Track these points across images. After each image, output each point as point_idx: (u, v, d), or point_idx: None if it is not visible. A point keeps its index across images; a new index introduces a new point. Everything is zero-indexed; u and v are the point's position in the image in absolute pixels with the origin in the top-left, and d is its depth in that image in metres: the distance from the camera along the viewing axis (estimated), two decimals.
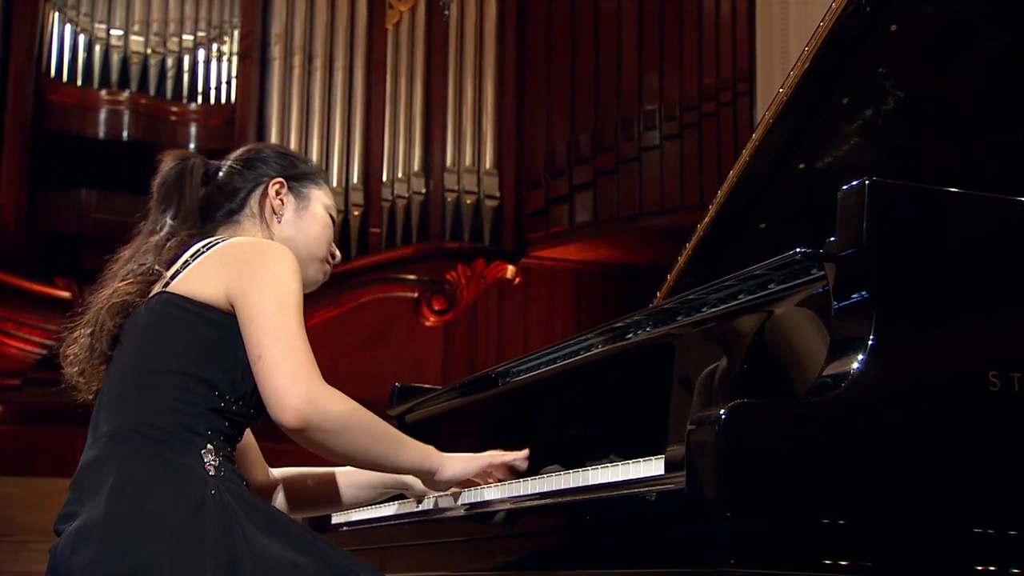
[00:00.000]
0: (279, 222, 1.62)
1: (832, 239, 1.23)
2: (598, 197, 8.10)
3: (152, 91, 8.26)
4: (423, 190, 8.29)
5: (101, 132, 8.15)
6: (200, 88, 8.41)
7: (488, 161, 8.40)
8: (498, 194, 8.36)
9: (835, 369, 1.14)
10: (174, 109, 8.29)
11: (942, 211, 1.23)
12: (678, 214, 7.75)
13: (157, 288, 1.50)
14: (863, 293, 1.15)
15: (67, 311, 6.25)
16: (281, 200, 1.63)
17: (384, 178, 8.31)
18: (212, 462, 1.37)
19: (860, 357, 1.12)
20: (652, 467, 1.22)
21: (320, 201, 1.66)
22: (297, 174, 1.66)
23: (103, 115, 8.14)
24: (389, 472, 1.61)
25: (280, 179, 1.63)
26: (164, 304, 1.46)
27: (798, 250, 1.25)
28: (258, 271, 1.42)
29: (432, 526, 1.65)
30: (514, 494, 1.45)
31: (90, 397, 1.51)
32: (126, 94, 8.18)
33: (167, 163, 1.67)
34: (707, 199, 8.12)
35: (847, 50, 2.01)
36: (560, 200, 8.26)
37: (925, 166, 2.13)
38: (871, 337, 1.12)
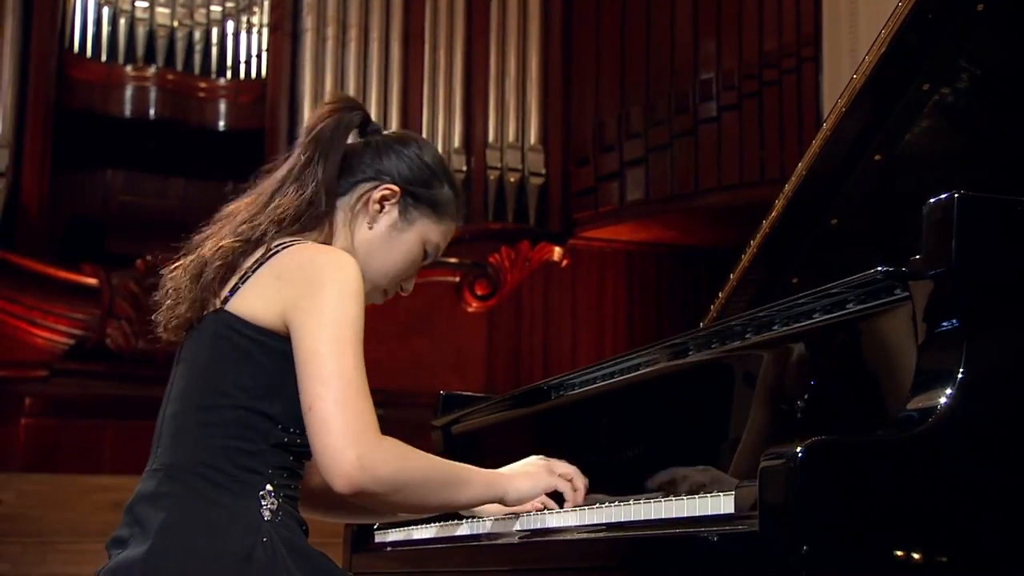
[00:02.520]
0: (367, 230, 1.55)
1: (917, 257, 1.20)
2: (650, 174, 8.05)
3: (179, 66, 8.32)
4: (464, 168, 8.28)
5: (127, 110, 8.23)
6: (229, 62, 8.46)
7: (533, 136, 8.38)
8: (544, 171, 8.34)
9: (921, 403, 1.11)
10: (202, 85, 8.35)
11: None
12: (737, 192, 7.68)
13: (231, 282, 1.46)
14: (953, 320, 1.13)
15: (94, 298, 6.29)
16: (381, 208, 1.56)
17: None
18: (270, 505, 1.38)
19: (948, 391, 1.10)
20: (722, 503, 1.21)
21: (423, 234, 1.58)
22: (420, 194, 1.57)
23: (129, 92, 8.22)
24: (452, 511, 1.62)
25: (396, 187, 1.56)
26: (222, 326, 1.44)
27: (879, 268, 1.22)
28: (316, 296, 1.38)
29: (481, 552, 1.65)
30: (572, 523, 1.45)
31: (172, 338, 1.51)
32: (152, 70, 8.24)
33: (322, 111, 1.59)
34: (768, 175, 8.08)
35: (929, 32, 1.96)
36: (610, 177, 8.22)
37: (1015, 154, 2.08)
38: (961, 370, 1.10)
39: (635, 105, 8.27)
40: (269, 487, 1.39)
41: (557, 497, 1.57)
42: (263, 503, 1.38)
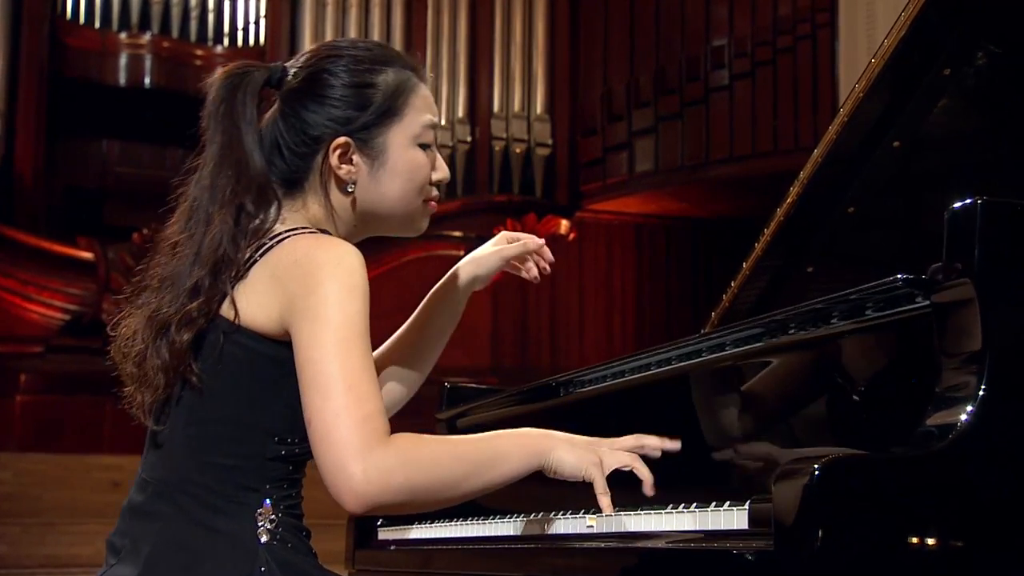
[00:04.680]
0: (347, 195, 1.41)
1: (938, 265, 1.18)
2: (660, 144, 8.02)
3: (175, 33, 8.29)
4: (468, 138, 8.25)
5: (122, 78, 8.21)
6: (226, 29, 8.43)
7: (539, 106, 8.34)
8: (550, 142, 8.30)
9: (941, 419, 1.10)
10: (199, 52, 8.32)
11: None
12: (749, 162, 7.65)
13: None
14: (975, 332, 1.12)
15: (90, 273, 6.25)
16: (351, 163, 1.41)
17: None
18: (267, 525, 1.32)
19: (968, 408, 1.09)
20: (735, 518, 1.20)
21: (404, 140, 1.42)
22: (368, 120, 1.40)
23: (123, 60, 8.20)
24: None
25: (344, 140, 1.40)
26: (216, 331, 1.34)
27: (899, 276, 1.21)
28: (313, 296, 1.27)
29: (484, 555, 1.65)
30: (572, 531, 1.45)
31: (153, 426, 1.39)
32: (147, 37, 8.22)
33: (212, 89, 1.42)
34: (782, 146, 8.03)
35: (950, 15, 1.94)
36: (618, 148, 8.19)
37: None
38: (983, 385, 1.09)
39: (644, 73, 8.23)
40: (268, 502, 1.33)
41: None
42: (260, 523, 1.32)
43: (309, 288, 1.29)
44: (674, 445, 1.39)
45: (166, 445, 1.37)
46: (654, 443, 1.39)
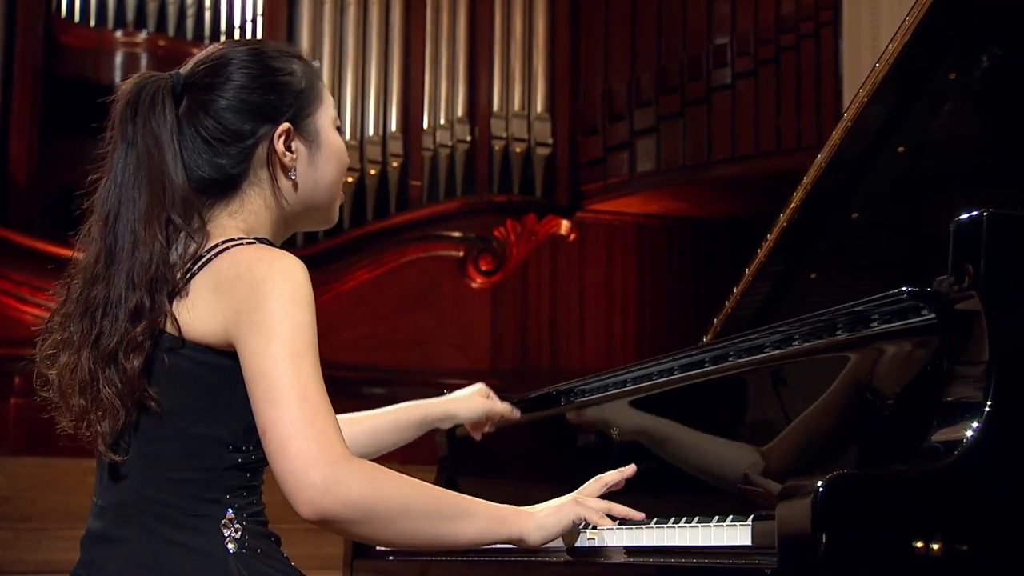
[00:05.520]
0: (292, 182, 1.41)
1: (943, 277, 1.18)
2: (661, 144, 8.01)
3: (171, 31, 8.28)
4: (468, 138, 8.24)
5: (118, 77, 8.19)
6: (223, 27, 8.41)
7: (539, 105, 8.33)
8: (551, 141, 8.30)
9: (946, 435, 1.10)
10: (195, 51, 8.21)
11: None
12: (751, 162, 7.65)
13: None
14: (980, 345, 1.12)
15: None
16: (293, 150, 1.41)
17: (425, 125, 8.27)
18: (233, 534, 1.31)
19: (974, 424, 1.09)
20: (738, 534, 1.20)
21: (327, 121, 1.45)
22: (299, 108, 1.42)
23: (119, 59, 8.18)
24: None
25: (286, 126, 1.40)
26: (156, 349, 1.33)
27: (904, 288, 1.21)
28: (260, 311, 1.27)
29: (485, 567, 1.65)
30: (584, 545, 1.45)
31: (116, 457, 1.35)
32: (143, 35, 8.20)
33: (123, 99, 1.42)
34: (785, 145, 8.01)
35: (956, 18, 1.94)
36: (619, 147, 8.18)
37: None
38: (989, 400, 1.09)
39: (646, 71, 8.22)
40: (231, 512, 1.32)
41: None
42: (226, 533, 1.31)
43: (254, 303, 1.28)
44: (629, 472, 1.48)
45: (126, 468, 1.35)
46: (612, 478, 1.48)
